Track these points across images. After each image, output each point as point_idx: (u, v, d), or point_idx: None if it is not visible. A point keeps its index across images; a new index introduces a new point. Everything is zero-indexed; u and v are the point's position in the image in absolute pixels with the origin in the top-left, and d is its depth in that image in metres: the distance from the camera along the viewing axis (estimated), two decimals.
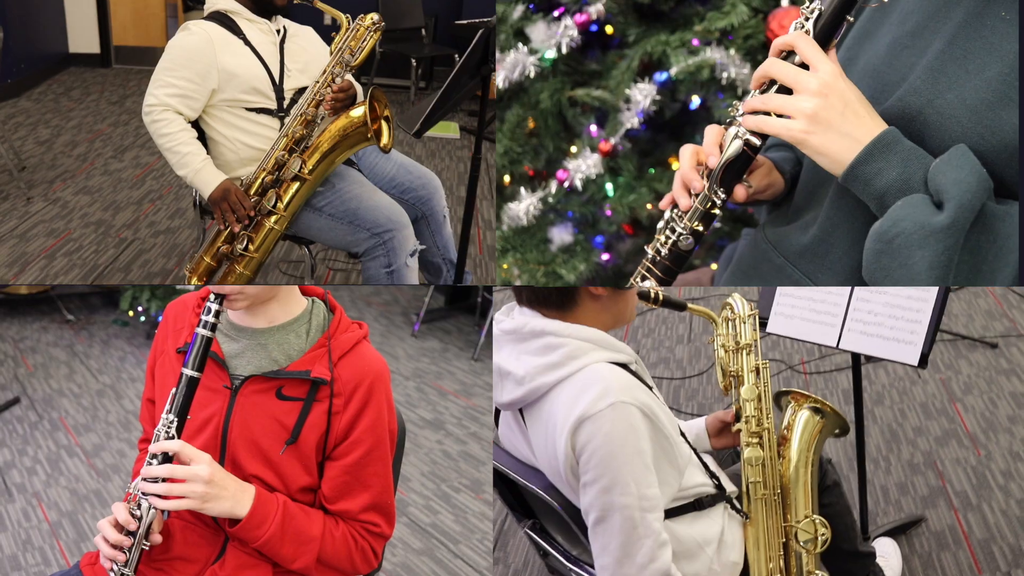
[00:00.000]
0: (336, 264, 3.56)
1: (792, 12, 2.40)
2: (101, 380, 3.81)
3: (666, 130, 2.72)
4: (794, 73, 1.30)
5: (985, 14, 1.31)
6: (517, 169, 2.77)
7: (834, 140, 1.27)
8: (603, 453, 1.25)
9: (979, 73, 1.28)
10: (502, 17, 2.65)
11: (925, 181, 1.24)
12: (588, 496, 1.28)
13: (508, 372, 1.37)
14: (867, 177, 1.27)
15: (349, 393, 1.31)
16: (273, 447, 1.30)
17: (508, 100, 2.72)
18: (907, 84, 1.35)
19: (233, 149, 2.37)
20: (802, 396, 1.59)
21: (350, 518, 1.35)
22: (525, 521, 1.64)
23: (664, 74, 2.53)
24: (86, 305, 4.71)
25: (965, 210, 1.20)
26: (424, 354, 4.27)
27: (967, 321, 3.26)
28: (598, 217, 2.76)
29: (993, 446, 2.59)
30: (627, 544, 1.26)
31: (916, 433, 2.72)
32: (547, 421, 1.33)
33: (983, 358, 3.03)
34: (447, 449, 3.29)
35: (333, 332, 1.35)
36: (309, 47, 2.44)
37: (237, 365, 1.34)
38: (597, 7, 2.55)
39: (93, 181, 4.28)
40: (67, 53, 6.28)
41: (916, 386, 2.94)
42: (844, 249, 1.44)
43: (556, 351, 1.32)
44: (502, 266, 2.77)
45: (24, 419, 3.41)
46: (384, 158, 2.55)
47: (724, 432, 1.64)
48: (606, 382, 1.27)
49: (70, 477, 2.99)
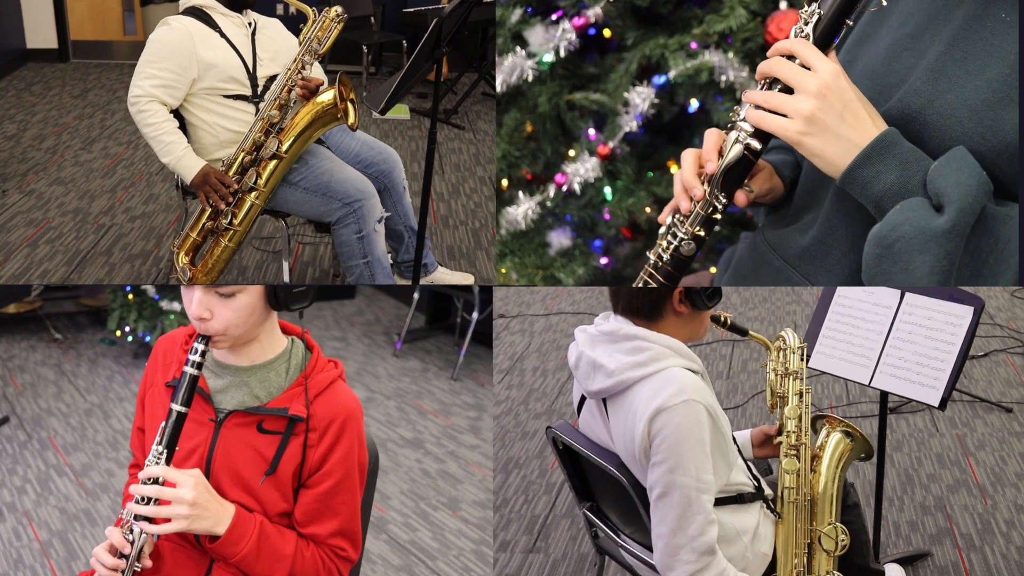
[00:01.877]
0: (304, 238, 3.73)
1: (791, 15, 2.40)
2: (89, 399, 3.85)
3: (665, 133, 2.72)
4: (794, 72, 1.29)
5: (985, 15, 1.30)
6: (515, 173, 2.77)
7: (830, 142, 1.27)
8: (672, 439, 1.46)
9: (979, 74, 1.28)
10: (500, 20, 2.65)
11: (924, 184, 1.24)
12: (655, 474, 1.49)
13: (601, 365, 1.57)
14: (865, 180, 1.26)
15: (323, 429, 1.43)
16: (254, 476, 1.41)
17: (506, 104, 2.71)
18: (907, 85, 1.34)
19: (212, 133, 2.58)
20: (836, 421, 1.78)
21: (320, 541, 1.45)
22: (584, 503, 1.89)
23: (662, 77, 2.52)
24: (74, 324, 4.75)
25: (966, 213, 1.20)
26: (405, 374, 4.35)
27: (986, 386, 3.57)
28: (597, 221, 2.75)
29: (1000, 497, 2.78)
30: (682, 518, 1.47)
31: (930, 479, 2.92)
32: (629, 409, 1.54)
33: (998, 420, 3.29)
34: (426, 468, 3.37)
35: (310, 372, 1.46)
36: (278, 38, 2.66)
37: (221, 400, 1.45)
38: (595, 10, 2.55)
39: (65, 172, 4.32)
40: (25, 49, 6.27)
41: (933, 438, 3.18)
42: (844, 251, 1.43)
43: (643, 353, 1.53)
44: (500, 270, 2.76)
45: (13, 438, 3.44)
46: (348, 136, 2.80)
47: (766, 444, 1.82)
48: (682, 383, 1.49)
49: (60, 496, 3.02)
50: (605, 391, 1.58)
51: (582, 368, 1.63)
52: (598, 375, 1.58)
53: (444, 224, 4.07)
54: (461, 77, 5.93)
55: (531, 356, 4.19)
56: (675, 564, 1.49)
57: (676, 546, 1.48)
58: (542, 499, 2.90)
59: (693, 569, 1.48)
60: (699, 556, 1.48)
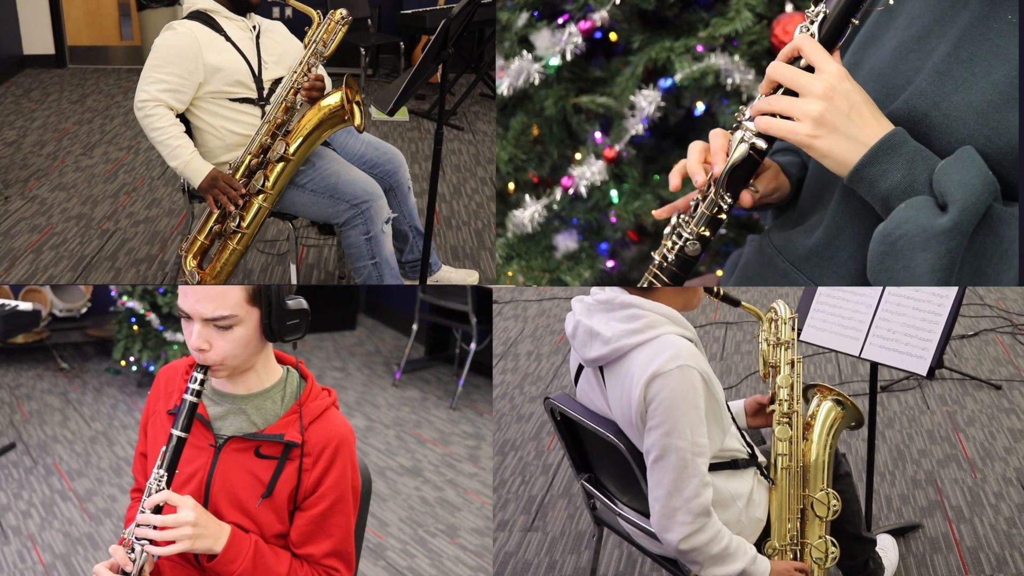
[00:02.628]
0: (308, 241, 3.76)
1: (797, 18, 2.40)
2: (94, 427, 3.89)
3: (671, 136, 2.73)
4: (799, 76, 1.30)
5: (991, 17, 1.31)
6: (522, 176, 2.77)
7: (839, 142, 1.28)
8: (668, 404, 1.49)
9: (985, 76, 1.28)
10: (507, 24, 2.66)
11: (930, 183, 1.25)
12: (651, 438, 1.52)
13: (598, 333, 1.60)
14: (872, 179, 1.27)
15: (317, 454, 1.49)
16: (251, 499, 1.47)
17: (513, 107, 2.72)
18: (913, 87, 1.35)
19: (219, 136, 2.59)
20: (827, 389, 1.82)
21: (314, 562, 1.51)
22: (582, 475, 1.92)
23: (668, 80, 2.53)
24: (80, 354, 4.82)
25: (969, 212, 1.20)
26: (404, 403, 4.39)
27: (976, 364, 3.62)
28: (603, 224, 2.76)
29: (988, 471, 2.84)
30: (678, 480, 1.50)
31: (920, 455, 2.97)
32: (625, 375, 1.57)
33: (987, 397, 3.34)
34: (424, 495, 3.41)
35: (304, 400, 1.53)
36: (282, 40, 2.68)
37: (220, 426, 1.51)
38: (601, 14, 2.56)
39: (67, 178, 4.34)
40: (22, 55, 6.28)
41: (924, 415, 3.23)
42: (850, 252, 1.44)
43: (639, 320, 1.56)
44: (507, 273, 2.77)
45: (20, 464, 3.48)
46: (353, 137, 2.82)
47: (759, 413, 1.85)
48: (677, 349, 1.51)
49: (63, 520, 3.04)
50: (602, 358, 1.61)
51: (579, 336, 1.65)
52: (595, 343, 1.61)
53: (447, 225, 4.09)
54: (459, 78, 5.96)
55: (525, 341, 4.21)
56: (671, 525, 1.52)
57: (672, 508, 1.52)
58: (539, 479, 2.95)
59: (689, 530, 1.51)
60: (695, 517, 1.51)
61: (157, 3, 6.07)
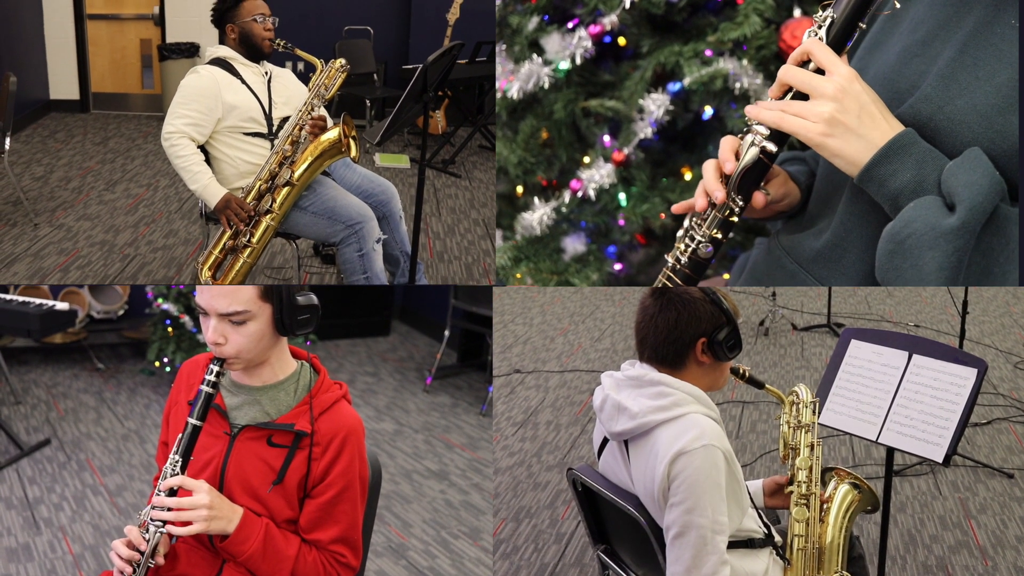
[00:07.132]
0: (312, 269, 3.97)
1: (805, 22, 2.42)
2: (127, 425, 4.05)
3: (679, 140, 2.74)
4: (810, 78, 1.31)
5: (995, 22, 1.32)
6: (531, 179, 2.79)
7: (851, 142, 1.29)
8: (691, 481, 1.51)
9: (990, 79, 1.30)
10: (517, 28, 2.68)
11: (939, 183, 1.26)
12: (672, 514, 1.54)
13: (625, 408, 1.62)
14: (882, 178, 1.28)
15: (326, 443, 1.56)
16: (262, 485, 1.55)
17: (522, 111, 2.74)
18: (919, 91, 1.36)
19: (233, 165, 2.92)
20: (845, 473, 1.84)
21: (321, 547, 1.58)
22: (598, 545, 1.93)
23: (677, 84, 2.54)
24: (115, 355, 5.02)
25: (976, 212, 1.22)
26: (434, 408, 4.48)
27: (989, 452, 3.64)
28: (611, 227, 2.77)
29: (1000, 559, 2.84)
30: (697, 557, 1.51)
31: (932, 540, 2.96)
32: (650, 451, 1.59)
33: (999, 485, 3.35)
34: (450, 498, 3.46)
35: (316, 392, 1.60)
36: (290, 84, 3.04)
37: (236, 415, 1.60)
38: (611, 18, 2.58)
39: (91, 209, 4.57)
40: (48, 99, 6.61)
41: (936, 501, 3.23)
42: (857, 254, 1.45)
43: (667, 398, 1.58)
44: (515, 275, 2.79)
45: (54, 459, 3.64)
46: (351, 170, 3.15)
47: (777, 493, 1.87)
48: (702, 428, 1.54)
49: (94, 514, 3.18)
50: (628, 432, 1.63)
51: (607, 410, 1.67)
52: (622, 417, 1.63)
53: (440, 259, 4.28)
54: (458, 130, 6.20)
55: (545, 410, 4.21)
56: None
57: None
58: (552, 548, 2.92)
59: None
60: None
61: (178, 55, 6.36)
